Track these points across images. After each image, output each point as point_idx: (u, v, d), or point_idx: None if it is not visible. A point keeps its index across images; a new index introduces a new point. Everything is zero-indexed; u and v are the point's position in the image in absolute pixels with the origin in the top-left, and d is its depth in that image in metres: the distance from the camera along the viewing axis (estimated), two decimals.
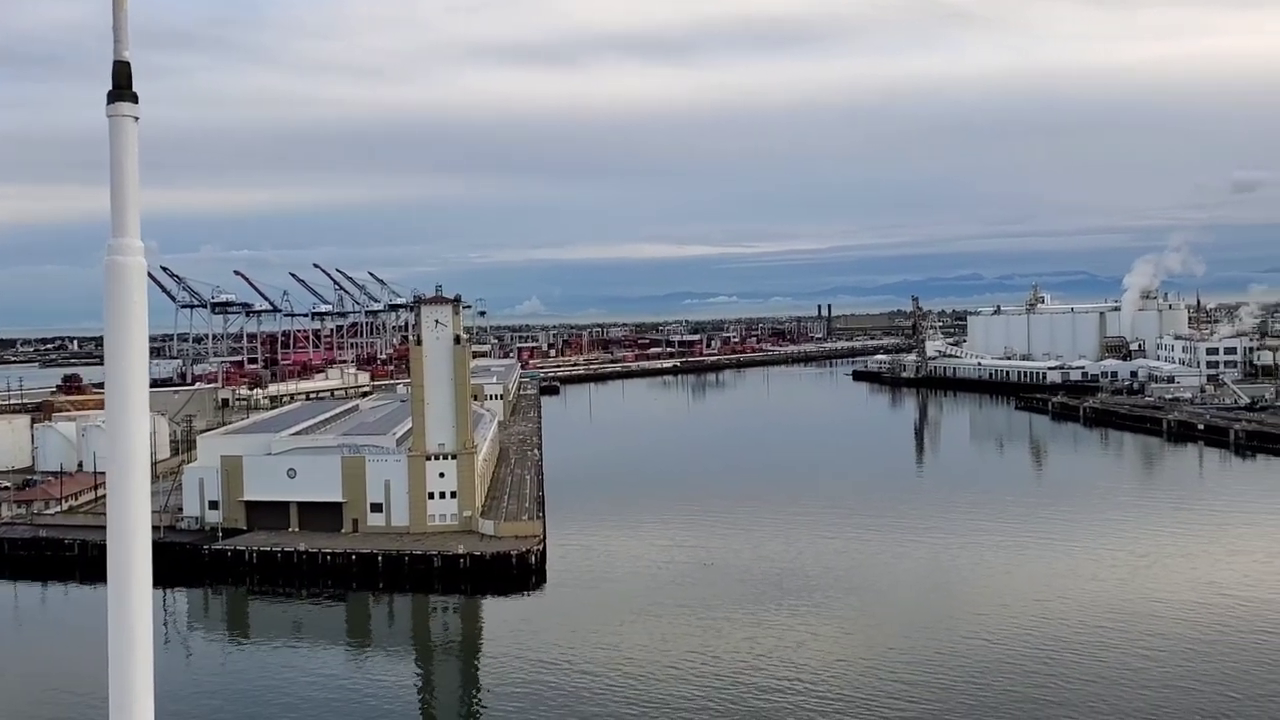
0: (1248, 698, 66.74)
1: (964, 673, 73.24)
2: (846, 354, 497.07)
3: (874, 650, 78.52)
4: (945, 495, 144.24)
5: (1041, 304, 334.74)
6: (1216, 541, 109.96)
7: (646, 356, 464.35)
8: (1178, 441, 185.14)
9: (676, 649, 79.37)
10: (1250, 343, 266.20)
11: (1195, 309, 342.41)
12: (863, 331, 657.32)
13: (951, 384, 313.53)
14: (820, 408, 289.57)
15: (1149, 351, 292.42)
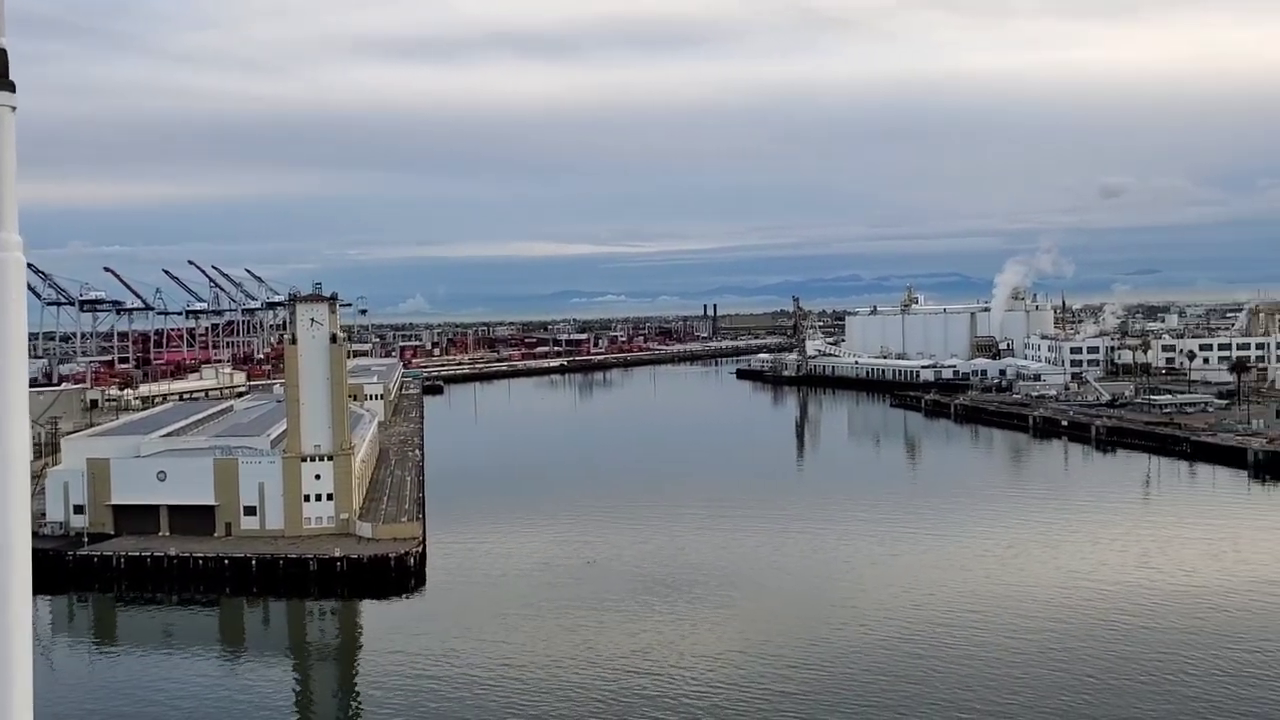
0: (1104, 675, 70.02)
1: (842, 661, 75.34)
2: (731, 353, 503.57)
3: (755, 642, 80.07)
4: (824, 490, 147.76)
5: (916, 305, 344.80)
6: (1078, 532, 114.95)
7: (533, 356, 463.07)
8: (1043, 437, 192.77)
9: (560, 647, 79.75)
10: (1112, 342, 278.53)
11: (1061, 309, 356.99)
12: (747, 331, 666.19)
13: (831, 382, 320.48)
14: (705, 406, 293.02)
15: (1017, 351, 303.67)
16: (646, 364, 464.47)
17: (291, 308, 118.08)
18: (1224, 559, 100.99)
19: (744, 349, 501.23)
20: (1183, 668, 71.55)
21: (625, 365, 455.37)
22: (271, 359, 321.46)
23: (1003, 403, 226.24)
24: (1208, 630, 79.51)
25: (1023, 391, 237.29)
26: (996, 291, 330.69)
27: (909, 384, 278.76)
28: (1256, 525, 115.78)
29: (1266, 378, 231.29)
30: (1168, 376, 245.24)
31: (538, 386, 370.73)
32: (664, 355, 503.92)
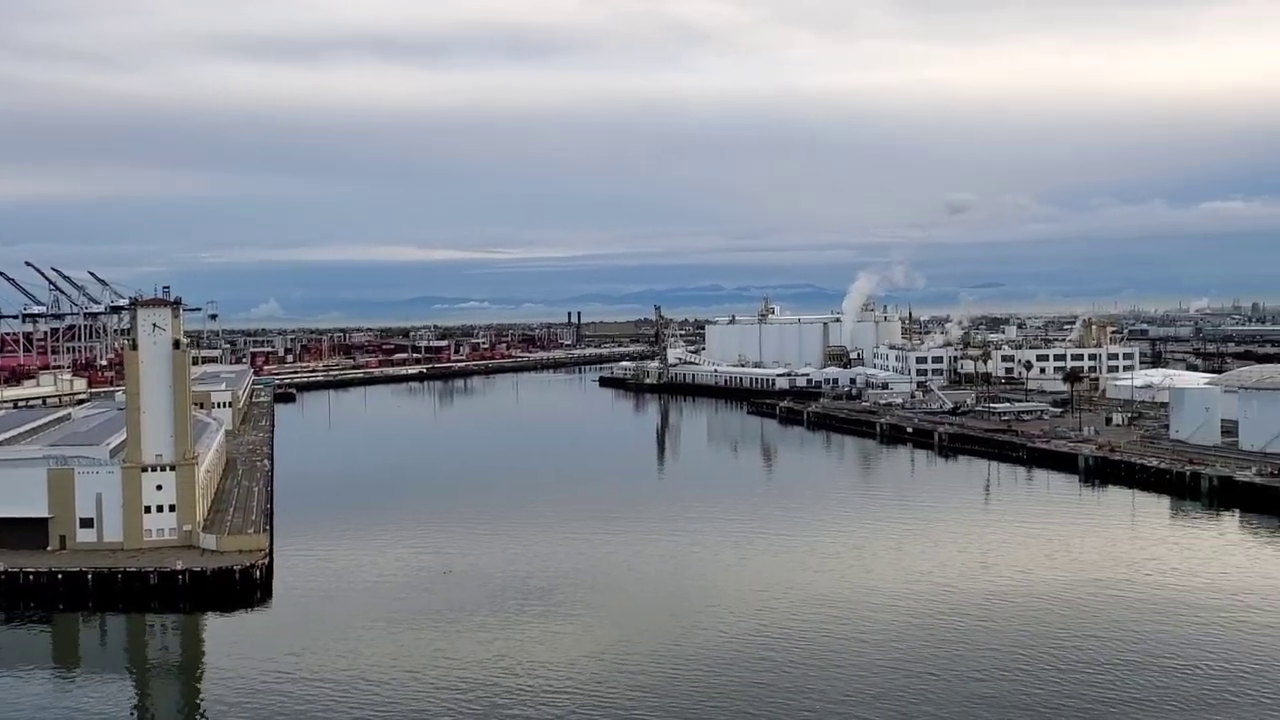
0: (945, 671, 72.80)
1: (698, 662, 76.38)
2: (595, 360, 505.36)
3: (613, 646, 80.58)
4: (682, 496, 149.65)
5: (772, 315, 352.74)
6: (922, 534, 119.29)
7: (391, 363, 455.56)
8: (890, 443, 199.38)
9: (413, 657, 78.75)
10: (955, 352, 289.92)
11: (908, 320, 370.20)
12: (611, 339, 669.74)
13: (691, 390, 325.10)
14: (567, 414, 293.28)
15: (867, 360, 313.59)
16: (509, 371, 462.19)
17: (133, 312, 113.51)
18: (1057, 559, 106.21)
19: (607, 357, 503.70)
20: (1018, 663, 74.99)
21: (487, 373, 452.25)
22: (115, 365, 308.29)
23: (852, 410, 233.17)
24: (1043, 627, 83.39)
25: (871, 399, 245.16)
26: (847, 303, 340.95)
27: (765, 392, 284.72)
28: (1087, 527, 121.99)
29: (1098, 387, 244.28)
30: (1007, 385, 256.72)
31: (396, 394, 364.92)
32: (527, 363, 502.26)
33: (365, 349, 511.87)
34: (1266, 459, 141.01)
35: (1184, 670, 72.70)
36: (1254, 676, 71.19)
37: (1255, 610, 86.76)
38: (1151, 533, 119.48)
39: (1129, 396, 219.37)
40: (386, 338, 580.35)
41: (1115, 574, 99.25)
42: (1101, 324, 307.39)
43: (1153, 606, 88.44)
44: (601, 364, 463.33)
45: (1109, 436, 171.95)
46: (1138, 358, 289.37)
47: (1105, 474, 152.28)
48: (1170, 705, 66.83)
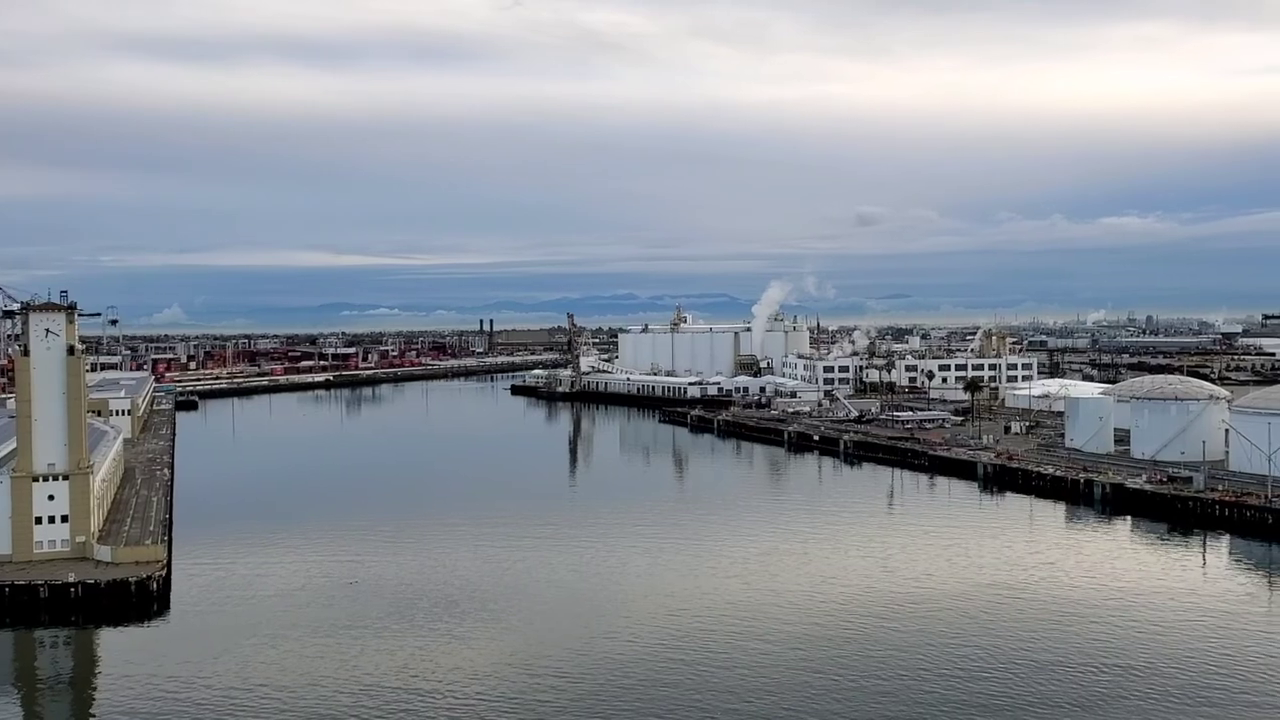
0: (849, 672, 74.10)
1: (609, 667, 76.75)
2: (507, 369, 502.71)
3: (523, 653, 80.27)
4: (594, 504, 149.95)
5: (684, 324, 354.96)
6: (827, 540, 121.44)
7: (297, 370, 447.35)
8: (798, 451, 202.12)
9: (317, 667, 77.52)
10: (861, 362, 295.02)
11: (816, 330, 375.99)
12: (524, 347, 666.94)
13: (604, 398, 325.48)
14: (478, 422, 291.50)
15: (776, 369, 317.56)
16: (419, 379, 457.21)
17: (24, 317, 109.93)
18: (957, 564, 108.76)
19: (520, 365, 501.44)
20: (920, 664, 76.72)
21: (396, 380, 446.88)
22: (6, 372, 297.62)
23: (762, 418, 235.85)
24: (943, 629, 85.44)
25: (780, 408, 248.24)
26: (758, 313, 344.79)
27: (677, 400, 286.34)
28: (986, 533, 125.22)
29: (997, 396, 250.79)
30: (910, 394, 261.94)
31: (302, 402, 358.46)
32: (437, 370, 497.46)
33: (271, 356, 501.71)
34: (1156, 467, 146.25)
35: (1078, 669, 75.11)
36: (1143, 674, 73.92)
37: (1144, 611, 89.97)
38: (1047, 538, 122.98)
39: (1027, 406, 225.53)
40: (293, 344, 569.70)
41: (1012, 578, 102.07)
42: (1001, 335, 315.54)
43: (1048, 609, 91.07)
44: (514, 372, 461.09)
45: (1007, 445, 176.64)
46: (1036, 368, 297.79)
47: (1003, 481, 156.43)
48: (1064, 704, 69.00)
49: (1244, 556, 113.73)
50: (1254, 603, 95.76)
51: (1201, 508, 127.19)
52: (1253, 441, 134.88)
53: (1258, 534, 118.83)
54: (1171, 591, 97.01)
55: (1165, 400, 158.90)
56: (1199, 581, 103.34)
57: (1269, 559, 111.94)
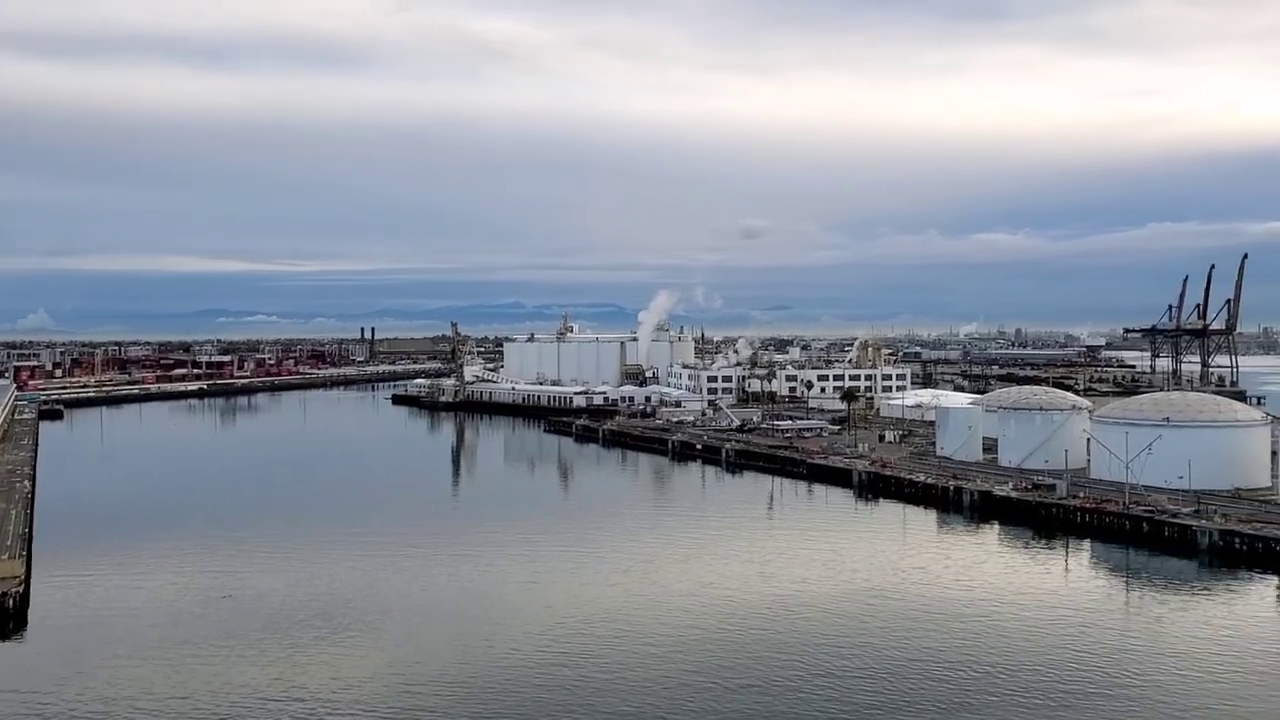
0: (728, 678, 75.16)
1: (486, 679, 76.21)
2: (389, 378, 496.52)
3: (402, 666, 79.33)
4: (477, 515, 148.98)
5: (571, 333, 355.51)
6: (708, 547, 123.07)
7: (170, 378, 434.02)
8: (681, 460, 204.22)
9: (189, 683, 75.25)
10: (744, 372, 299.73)
11: (701, 340, 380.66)
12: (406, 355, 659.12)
13: (488, 408, 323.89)
14: (358, 433, 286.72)
15: (662, 378, 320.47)
16: (297, 389, 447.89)
17: None
18: (833, 569, 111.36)
19: (402, 374, 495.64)
20: (795, 668, 78.24)
21: (273, 389, 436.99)
22: None
23: (646, 428, 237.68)
24: (818, 633, 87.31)
25: (665, 417, 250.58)
26: (643, 322, 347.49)
27: (563, 410, 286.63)
28: (861, 539, 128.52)
29: (873, 405, 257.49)
30: (790, 404, 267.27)
31: (174, 412, 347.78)
32: (316, 379, 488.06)
33: (142, 364, 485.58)
34: (1022, 474, 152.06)
35: (947, 670, 77.64)
36: (1009, 674, 76.69)
37: (1010, 613, 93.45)
38: (919, 544, 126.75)
39: (901, 415, 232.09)
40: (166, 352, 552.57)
41: (885, 582, 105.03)
42: (877, 346, 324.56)
43: (919, 612, 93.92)
44: (396, 381, 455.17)
45: (882, 453, 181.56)
46: (910, 378, 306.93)
47: (878, 488, 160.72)
48: (934, 704, 71.19)
49: (1103, 560, 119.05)
50: (1112, 604, 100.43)
51: (1064, 514, 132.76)
52: (1111, 450, 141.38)
53: (1116, 539, 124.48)
54: (1035, 594, 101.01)
55: (1031, 410, 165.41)
56: (1061, 584, 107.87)
57: (1126, 563, 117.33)
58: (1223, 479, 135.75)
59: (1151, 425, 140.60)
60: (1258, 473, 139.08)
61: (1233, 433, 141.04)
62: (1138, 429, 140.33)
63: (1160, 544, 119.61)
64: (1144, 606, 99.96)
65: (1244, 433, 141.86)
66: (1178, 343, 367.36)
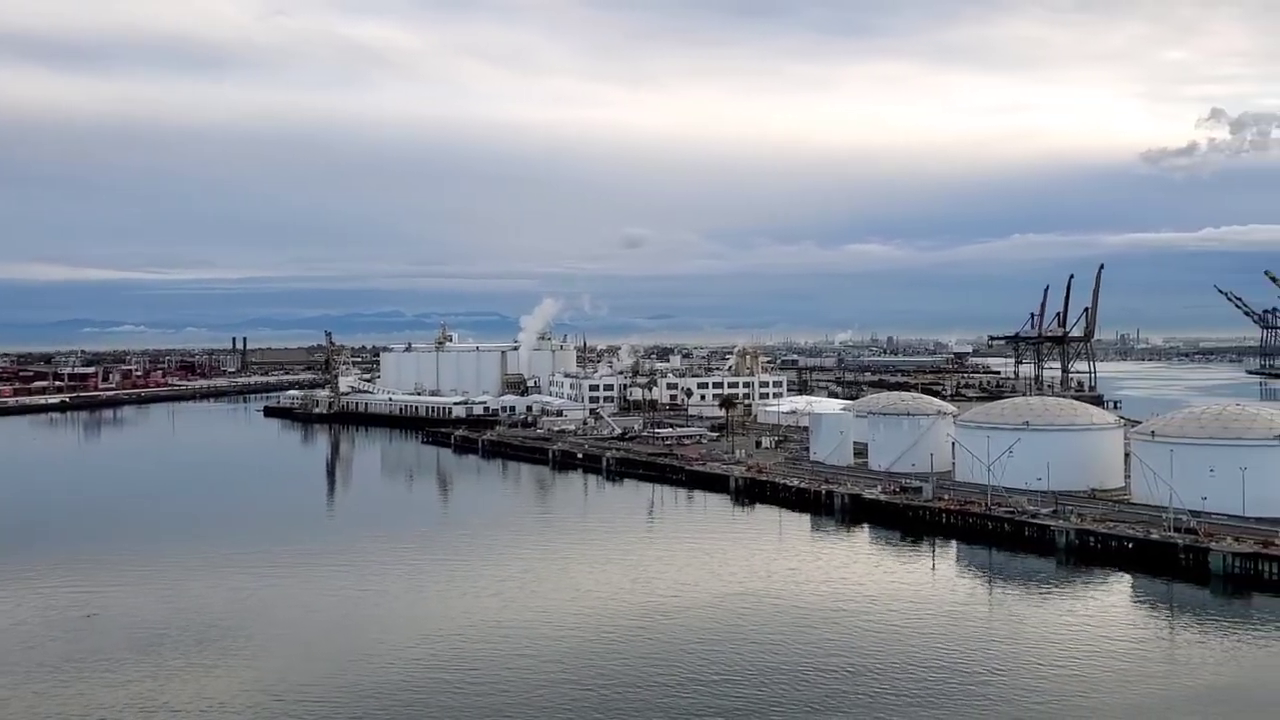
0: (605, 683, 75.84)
1: (362, 693, 75.37)
2: (262, 389, 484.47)
3: (273, 683, 77.93)
4: (352, 529, 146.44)
5: (450, 342, 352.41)
6: (588, 555, 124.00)
7: (29, 391, 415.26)
8: (562, 470, 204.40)
9: (49, 705, 72.66)
10: (625, 380, 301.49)
11: (583, 349, 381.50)
12: (280, 366, 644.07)
13: (365, 419, 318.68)
14: (229, 446, 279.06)
15: (543, 387, 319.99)
16: (165, 401, 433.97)
17: None
18: (711, 573, 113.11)
19: (275, 385, 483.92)
20: (673, 671, 79.36)
21: (140, 402, 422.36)
22: None
23: (527, 437, 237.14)
24: (696, 636, 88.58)
25: (546, 426, 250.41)
26: (524, 330, 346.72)
27: (442, 420, 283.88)
28: (737, 543, 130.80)
29: (750, 412, 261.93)
30: (671, 411, 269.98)
31: (34, 426, 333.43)
32: (186, 391, 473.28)
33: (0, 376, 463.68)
34: (890, 478, 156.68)
35: (818, 672, 79.65)
36: (878, 674, 78.95)
37: (879, 614, 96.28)
38: (792, 547, 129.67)
39: (777, 421, 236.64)
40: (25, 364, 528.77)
41: (761, 585, 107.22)
42: (755, 354, 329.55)
43: (792, 615, 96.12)
44: (269, 393, 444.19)
45: (758, 459, 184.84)
46: (786, 385, 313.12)
47: (754, 494, 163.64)
48: (807, 706, 73.04)
49: (967, 560, 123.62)
50: (975, 602, 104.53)
51: (930, 515, 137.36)
52: (974, 453, 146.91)
53: (979, 539, 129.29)
54: (903, 594, 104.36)
55: (898, 415, 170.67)
56: (928, 584, 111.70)
57: (989, 563, 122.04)
58: (1079, 480, 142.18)
59: (1012, 429, 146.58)
60: (1111, 474, 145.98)
61: (1088, 436, 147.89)
62: (999, 433, 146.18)
63: (1021, 544, 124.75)
64: (1006, 604, 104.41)
65: (1098, 436, 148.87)
66: (1039, 349, 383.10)
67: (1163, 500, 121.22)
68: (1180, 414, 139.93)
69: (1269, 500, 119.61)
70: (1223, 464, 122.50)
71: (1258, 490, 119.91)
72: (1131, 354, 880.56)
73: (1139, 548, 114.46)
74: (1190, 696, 74.55)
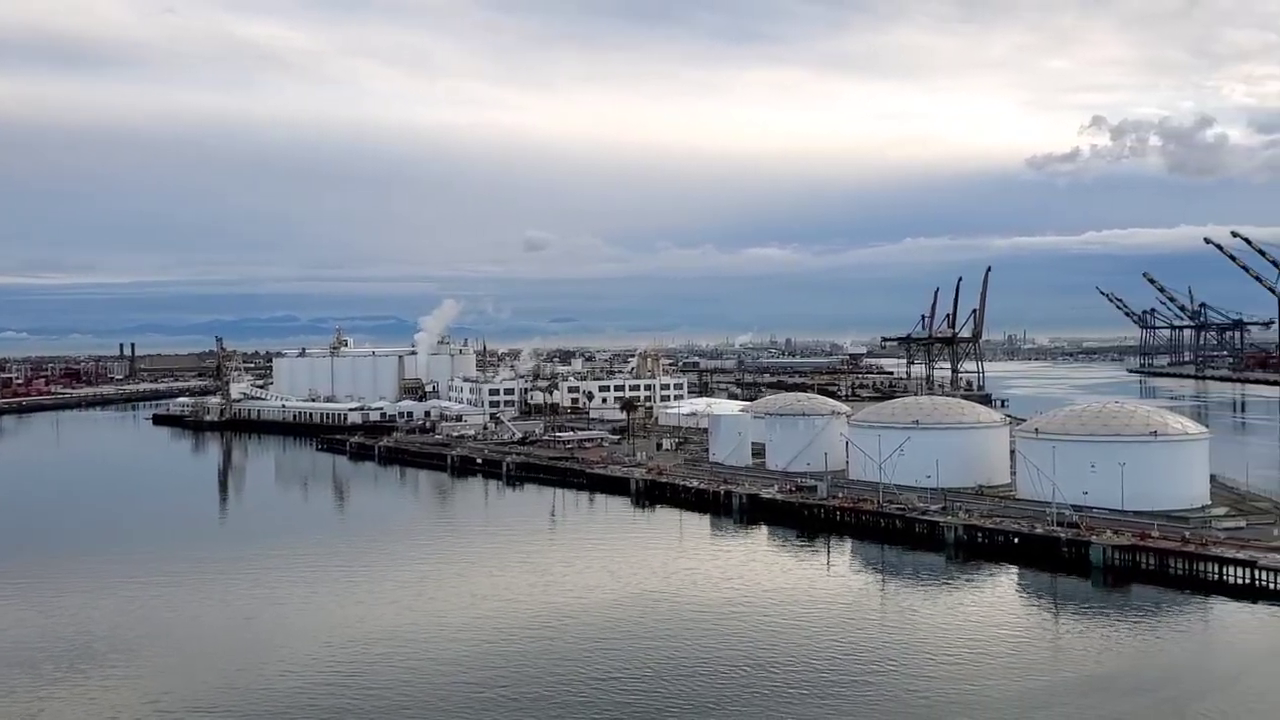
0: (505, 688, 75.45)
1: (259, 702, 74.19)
2: (151, 397, 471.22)
3: (163, 694, 76.01)
4: (246, 539, 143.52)
5: (345, 347, 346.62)
6: (488, 560, 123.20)
7: None
8: (461, 476, 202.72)
9: None
10: (526, 384, 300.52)
11: (483, 353, 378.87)
12: (169, 373, 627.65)
13: (258, 426, 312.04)
14: (115, 455, 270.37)
15: (442, 392, 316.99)
16: (49, 409, 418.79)
17: None
18: (610, 576, 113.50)
19: (165, 392, 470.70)
20: (574, 673, 79.51)
21: (20, 411, 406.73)
22: None
23: (425, 443, 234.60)
24: (598, 637, 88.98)
25: (445, 432, 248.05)
26: (423, 333, 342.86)
27: (337, 427, 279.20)
28: (637, 545, 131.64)
29: (652, 414, 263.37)
30: (572, 415, 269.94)
31: None
32: (70, 399, 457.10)
33: None
34: (787, 477, 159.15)
35: (719, 668, 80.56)
36: (776, 670, 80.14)
37: (777, 610, 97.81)
38: (693, 547, 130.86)
39: (677, 423, 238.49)
40: None
41: (659, 586, 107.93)
42: (656, 356, 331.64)
43: (692, 614, 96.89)
44: (159, 400, 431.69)
45: (659, 461, 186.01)
46: (687, 387, 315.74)
47: (654, 495, 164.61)
48: (707, 704, 73.67)
49: (861, 557, 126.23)
50: (869, 597, 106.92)
51: (825, 514, 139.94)
52: (865, 452, 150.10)
53: (872, 536, 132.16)
54: (799, 592, 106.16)
55: (794, 416, 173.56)
56: (823, 581, 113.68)
57: (881, 559, 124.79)
58: (967, 477, 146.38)
59: (902, 428, 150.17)
60: (998, 471, 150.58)
61: (975, 434, 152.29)
62: (890, 432, 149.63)
63: (912, 540, 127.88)
64: (898, 599, 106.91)
65: (985, 434, 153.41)
66: (930, 350, 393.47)
67: (1046, 496, 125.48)
68: (1062, 412, 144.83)
69: (1146, 495, 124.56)
70: (1103, 460, 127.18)
71: (1136, 485, 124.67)
72: (1018, 354, 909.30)
73: (1024, 542, 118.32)
74: (1073, 684, 77.26)
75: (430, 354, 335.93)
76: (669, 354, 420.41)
